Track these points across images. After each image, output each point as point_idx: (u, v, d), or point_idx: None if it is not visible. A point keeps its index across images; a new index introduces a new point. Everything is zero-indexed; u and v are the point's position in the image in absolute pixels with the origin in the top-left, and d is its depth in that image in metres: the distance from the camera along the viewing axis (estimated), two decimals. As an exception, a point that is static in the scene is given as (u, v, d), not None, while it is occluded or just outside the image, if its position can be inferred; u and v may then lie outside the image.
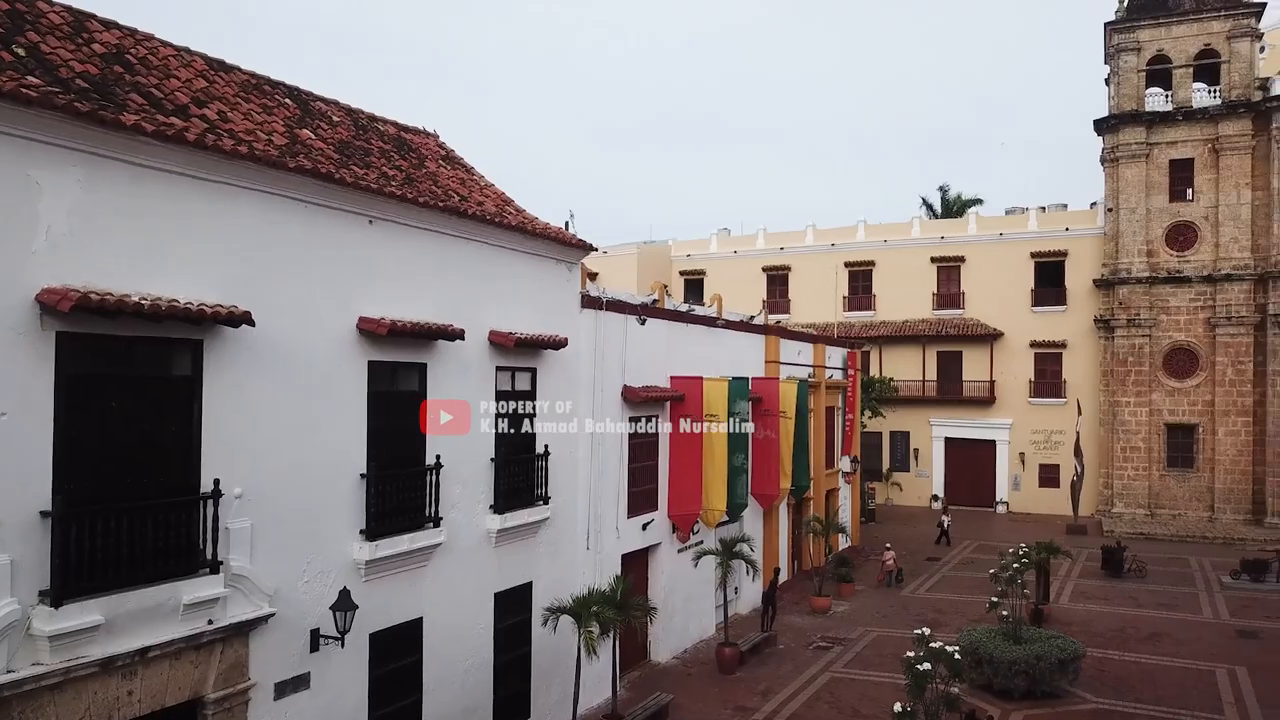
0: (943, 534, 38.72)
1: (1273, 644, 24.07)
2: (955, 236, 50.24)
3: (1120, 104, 45.06)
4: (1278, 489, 40.91)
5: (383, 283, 14.43)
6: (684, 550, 23.39)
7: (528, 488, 17.52)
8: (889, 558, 32.41)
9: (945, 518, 39.71)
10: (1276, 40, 48.12)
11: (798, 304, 52.11)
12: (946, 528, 38.91)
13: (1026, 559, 23.49)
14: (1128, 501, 43.89)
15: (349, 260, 13.85)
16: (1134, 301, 44.23)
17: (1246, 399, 42.23)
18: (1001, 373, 47.95)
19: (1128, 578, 31.71)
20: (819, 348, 33.54)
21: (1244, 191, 42.65)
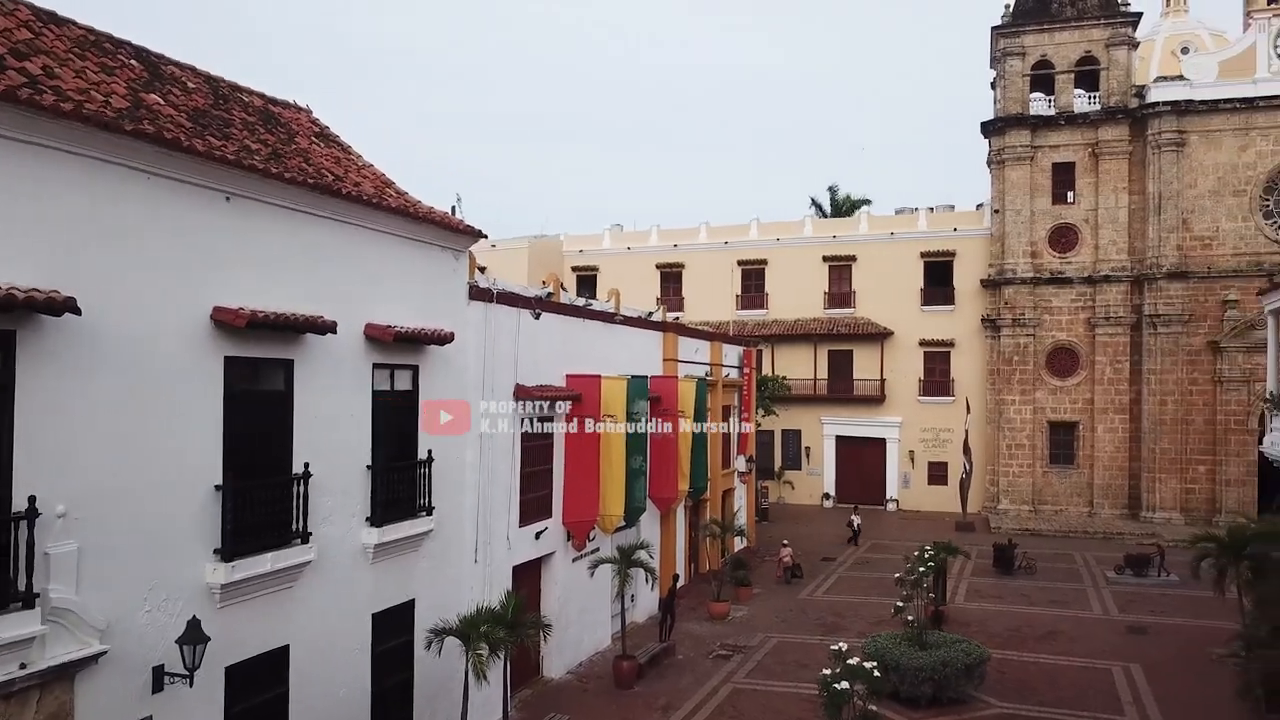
0: (854, 535, 38.43)
1: (1162, 640, 24.33)
2: (847, 236, 50.40)
3: (1006, 107, 45.86)
4: (1152, 484, 42.22)
5: (242, 269, 12.73)
6: (579, 559, 22.15)
7: (409, 497, 15.98)
8: (786, 554, 32.25)
9: (856, 518, 39.48)
10: (1147, 52, 49.96)
11: (691, 302, 51.45)
12: (857, 528, 38.65)
13: (932, 561, 23.06)
14: (1013, 498, 44.69)
15: (202, 242, 12.12)
16: (1019, 301, 45.07)
17: (1124, 397, 43.48)
18: (892, 371, 48.28)
19: (1018, 575, 31.95)
20: (716, 346, 32.76)
21: (1121, 195, 43.90)
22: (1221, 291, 41.76)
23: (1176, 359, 42.13)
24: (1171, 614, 26.97)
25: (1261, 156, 41.74)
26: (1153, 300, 42.64)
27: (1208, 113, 42.25)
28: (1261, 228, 41.73)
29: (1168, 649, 23.46)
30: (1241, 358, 41.03)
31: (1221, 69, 42.50)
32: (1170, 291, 42.32)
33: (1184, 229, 42.55)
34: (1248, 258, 41.70)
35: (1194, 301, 42.15)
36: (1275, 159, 41.57)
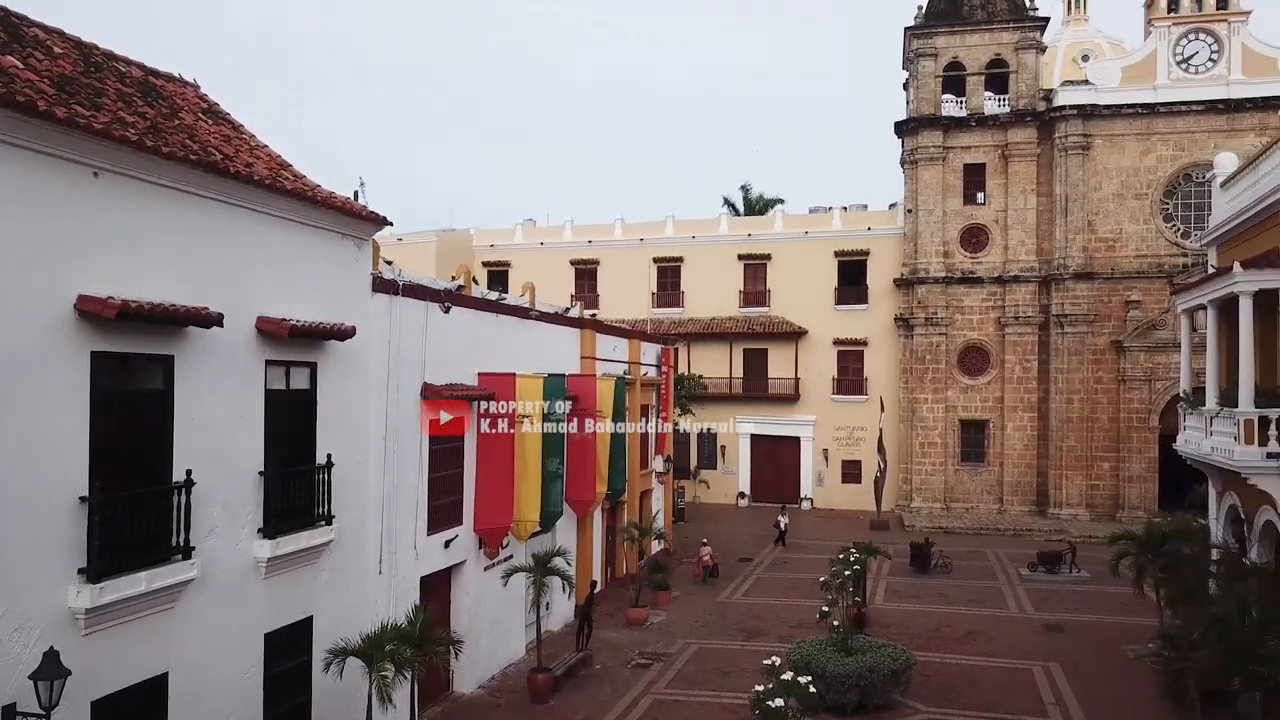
0: (780, 535, 38.03)
1: (1078, 638, 24.38)
2: (762, 234, 50.15)
3: (919, 108, 46.17)
4: (1059, 481, 42.97)
5: (113, 253, 11.36)
6: (492, 567, 21.00)
7: (306, 506, 14.68)
8: (706, 553, 31.83)
9: (783, 518, 39.01)
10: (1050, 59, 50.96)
11: (606, 299, 50.53)
12: (784, 528, 38.25)
13: (857, 564, 22.59)
14: (925, 496, 45.01)
15: (65, 222, 10.74)
16: (931, 301, 45.42)
17: (1032, 395, 44.18)
18: (806, 370, 48.21)
19: (935, 574, 31.94)
20: (635, 343, 31.93)
21: (1030, 197, 44.59)
22: (1125, 292, 42.74)
23: (1082, 358, 42.97)
24: (1085, 611, 27.16)
25: (1162, 161, 42.84)
26: (1060, 300, 43.41)
27: (1111, 117, 43.19)
28: (1162, 230, 42.83)
29: (1085, 647, 23.49)
30: (1143, 357, 42.05)
31: (1124, 75, 43.48)
32: (1076, 292, 43.14)
33: (1089, 231, 43.43)
34: (1149, 259, 42.76)
35: (1099, 302, 43.05)
36: (1175, 163, 42.70)
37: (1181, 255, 42.33)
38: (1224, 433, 18.93)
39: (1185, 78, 42.73)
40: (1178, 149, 42.69)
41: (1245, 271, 17.91)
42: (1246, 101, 41.73)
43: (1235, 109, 41.91)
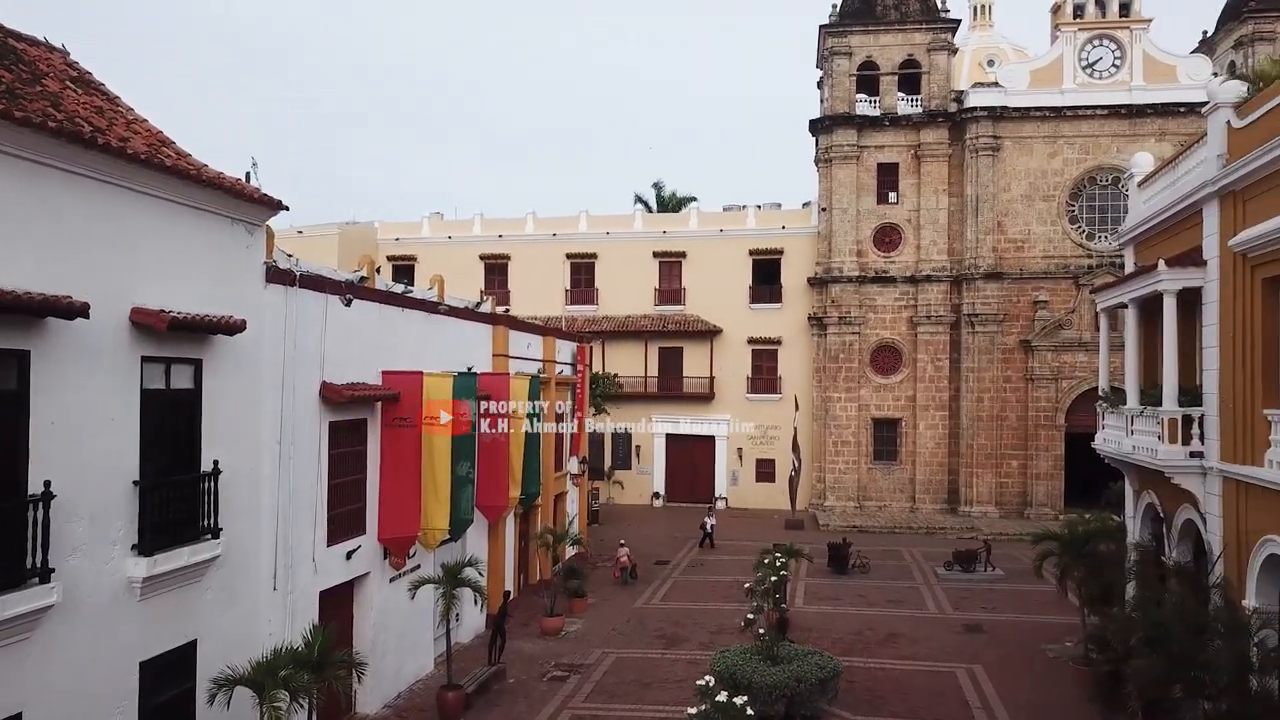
0: (706, 537, 37.27)
1: (998, 638, 24.22)
2: (677, 231, 49.52)
3: (834, 106, 46.12)
4: (970, 479, 43.39)
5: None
6: (399, 579, 19.68)
7: (189, 518, 13.24)
8: (624, 554, 31.21)
9: (709, 519, 38.23)
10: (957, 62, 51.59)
11: (518, 295, 49.20)
12: (710, 529, 37.49)
13: (783, 570, 21.93)
14: (839, 494, 44.98)
15: (-108, 194, 9.17)
16: (845, 300, 45.40)
17: (943, 394, 44.53)
18: (721, 369, 47.75)
19: (853, 574, 31.66)
20: (549, 341, 30.80)
21: (942, 197, 44.93)
22: (1033, 292, 43.39)
23: (992, 357, 43.47)
24: (1003, 610, 27.12)
25: (1068, 164, 43.63)
26: (970, 300, 43.84)
27: (1020, 119, 43.80)
28: (1068, 232, 43.62)
29: (1005, 647, 23.33)
30: (1050, 356, 42.75)
31: (1033, 78, 44.15)
32: (986, 292, 43.63)
33: (999, 231, 43.97)
34: (1056, 260, 43.50)
35: (1008, 302, 43.61)
36: (1080, 166, 43.53)
37: (1087, 257, 43.19)
38: (1146, 432, 18.82)
39: (1090, 82, 43.60)
40: (1083, 152, 43.53)
41: (1169, 270, 17.79)
42: (1147, 107, 42.78)
43: (1137, 114, 42.92)
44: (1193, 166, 18.90)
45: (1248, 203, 16.10)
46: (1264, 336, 15.65)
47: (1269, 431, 15.46)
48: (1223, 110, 17.18)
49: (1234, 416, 16.42)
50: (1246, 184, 16.00)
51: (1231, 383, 16.51)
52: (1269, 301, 15.64)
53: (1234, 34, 44.64)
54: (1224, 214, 16.93)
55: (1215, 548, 17.08)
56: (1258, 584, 15.61)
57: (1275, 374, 15.59)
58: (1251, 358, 15.92)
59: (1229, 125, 17.04)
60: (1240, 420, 16.21)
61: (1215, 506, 17.11)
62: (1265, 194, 15.42)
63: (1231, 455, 16.49)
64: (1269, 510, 15.14)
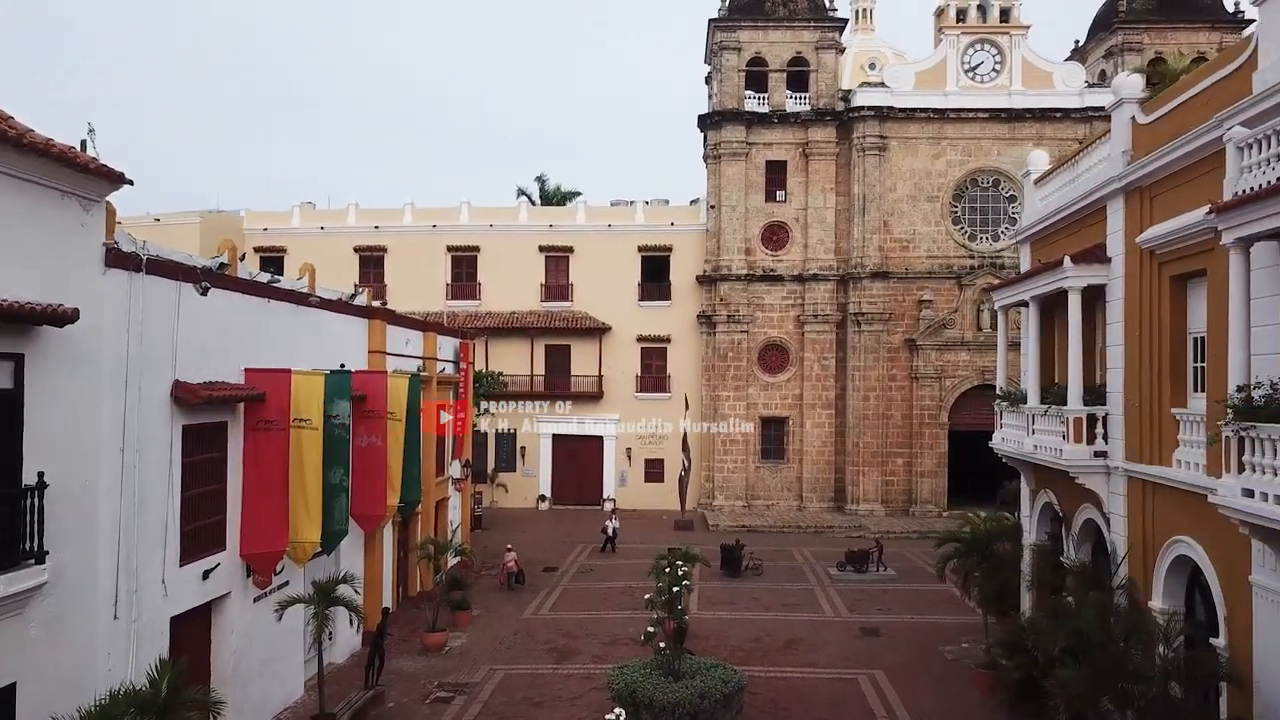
0: (608, 540, 36.00)
1: (896, 641, 23.81)
2: (564, 225, 48.15)
3: (723, 102, 45.59)
4: (856, 478, 43.50)
5: None
6: (264, 598, 17.79)
7: (6, 541, 11.23)
8: (510, 559, 30.03)
9: (611, 522, 36.90)
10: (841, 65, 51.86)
11: (396, 289, 46.87)
12: (613, 533, 36.21)
13: (685, 580, 20.85)
14: (728, 494, 44.49)
15: None
16: (734, 298, 44.94)
17: (830, 393, 44.54)
18: (610, 367, 46.63)
19: (746, 576, 31.00)
20: (430, 337, 29.09)
21: (829, 196, 44.94)
22: (918, 292, 43.80)
23: (878, 356, 43.69)
24: (898, 611, 26.83)
25: (952, 165, 44.22)
26: (857, 299, 43.96)
27: (905, 120, 44.17)
28: (951, 233, 44.21)
29: (904, 650, 22.92)
30: (935, 355, 43.25)
31: (918, 79, 44.59)
32: (873, 291, 43.82)
33: (885, 231, 44.23)
34: (940, 260, 44.03)
35: (894, 301, 43.92)
36: (963, 168, 44.18)
37: (969, 257, 43.87)
38: (1049, 431, 18.56)
39: (972, 85, 44.31)
40: (965, 154, 44.20)
41: (1075, 266, 17.52)
42: (1026, 111, 43.73)
43: (1016, 118, 43.83)
44: (1094, 163, 18.76)
45: (1155, 199, 15.89)
46: (1172, 335, 15.46)
47: (1177, 431, 15.29)
48: (1128, 106, 17.00)
49: (1140, 416, 16.21)
50: (1154, 180, 15.78)
51: (1138, 381, 16.30)
52: (1177, 299, 15.44)
53: (1105, 44, 46.09)
54: (1130, 210, 16.72)
55: (1119, 549, 16.87)
56: (1164, 585, 15.44)
57: (1183, 372, 15.42)
58: (1159, 356, 15.71)
59: (1134, 121, 16.86)
60: (1147, 420, 16.00)
61: (1120, 507, 16.91)
62: (1173, 190, 15.20)
63: (1137, 455, 16.29)
64: (1177, 510, 14.92)
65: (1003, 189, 44.25)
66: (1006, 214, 44.26)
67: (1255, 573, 12.52)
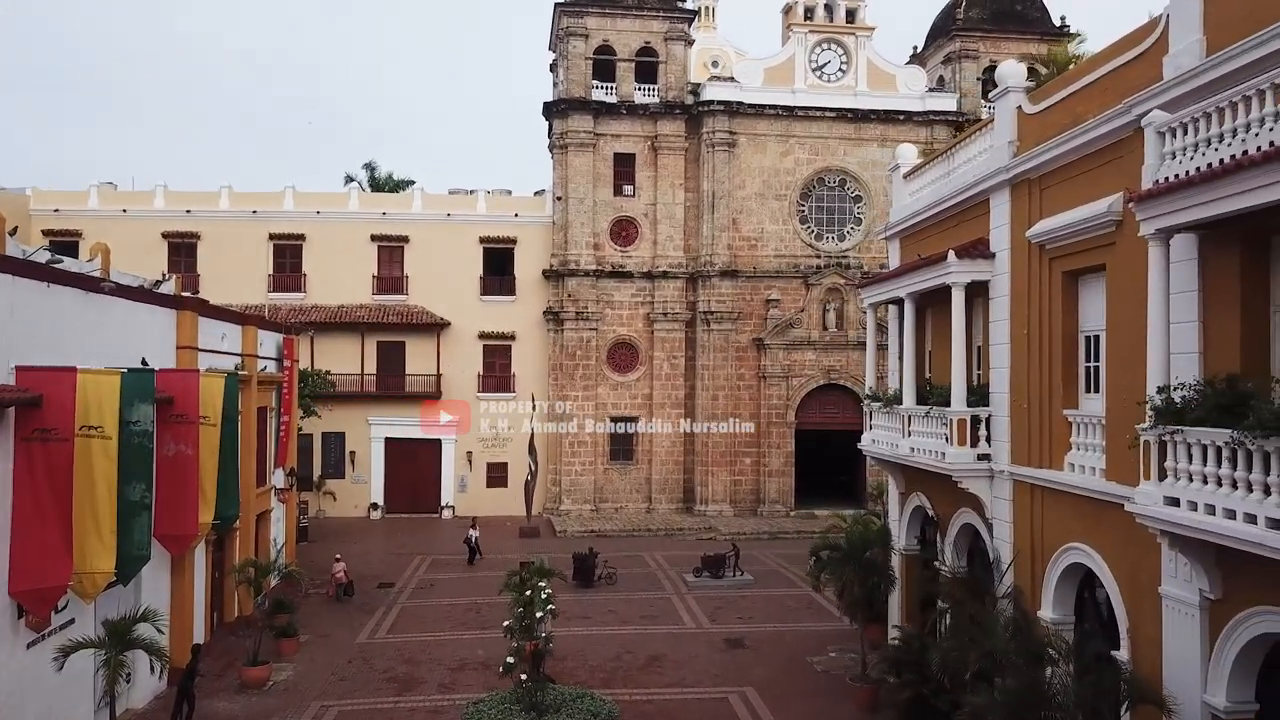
0: (473, 551, 33.48)
1: (762, 653, 22.70)
2: (399, 214, 45.15)
3: (569, 90, 43.87)
4: (705, 478, 42.69)
5: None
6: (40, 643, 14.76)
7: None
8: (340, 569, 27.94)
9: (473, 531, 34.35)
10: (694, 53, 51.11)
11: (211, 280, 42.69)
12: (475, 543, 33.72)
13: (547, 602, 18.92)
14: (575, 498, 42.80)
15: None
16: (582, 294, 43.29)
17: (679, 392, 43.60)
18: (449, 365, 44.02)
19: (600, 586, 29.38)
20: (249, 331, 26.01)
21: (678, 192, 43.99)
22: (766, 291, 43.42)
23: (727, 355, 43.04)
24: (760, 619, 25.81)
25: (799, 164, 44.08)
26: (706, 297, 43.16)
27: (755, 116, 43.71)
28: (799, 232, 44.07)
29: (772, 663, 21.82)
30: (782, 354, 42.98)
31: (766, 76, 44.23)
32: (722, 289, 43.12)
33: (734, 229, 43.63)
34: (787, 259, 43.81)
35: (742, 300, 43.37)
36: (811, 167, 44.12)
37: (815, 257, 43.86)
38: (929, 433, 17.78)
39: (820, 84, 44.33)
40: (813, 153, 44.15)
41: (960, 261, 16.74)
42: (871, 113, 44.10)
43: (862, 119, 44.12)
44: (974, 155, 18.10)
45: (1046, 191, 15.23)
46: (1064, 332, 14.82)
47: (1069, 433, 14.68)
48: (1013, 95, 16.33)
49: (1028, 418, 15.55)
50: (1044, 172, 15.12)
51: (1025, 382, 15.65)
52: (1069, 295, 14.81)
53: (943, 50, 47.13)
54: (1016, 203, 16.06)
55: (1004, 556, 16.20)
56: (1055, 594, 14.80)
57: (1076, 372, 14.81)
58: (1050, 355, 15.06)
59: (1020, 111, 16.22)
60: (1035, 422, 15.35)
61: (1005, 512, 16.24)
62: (1067, 182, 14.54)
63: (1025, 458, 15.63)
64: (1071, 516, 14.27)
65: (849, 189, 44.48)
66: (852, 214, 44.54)
67: (1166, 584, 11.85)
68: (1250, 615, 10.50)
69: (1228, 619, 10.88)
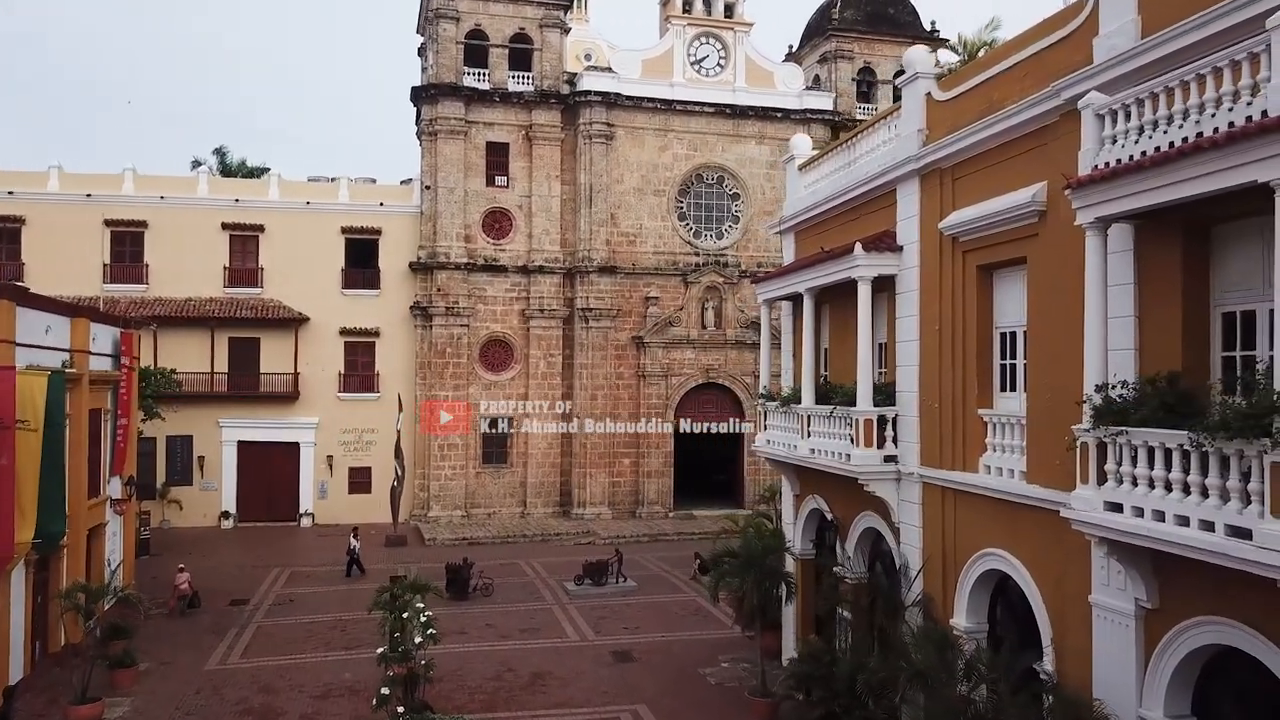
0: (353, 563, 31.05)
1: (652, 666, 21.55)
2: (253, 201, 42.02)
3: (439, 74, 41.80)
4: (583, 480, 41.39)
5: None
6: None
7: None
8: (183, 580, 25.97)
9: (354, 541, 31.81)
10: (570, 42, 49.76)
11: (38, 269, 38.52)
12: (358, 555, 31.29)
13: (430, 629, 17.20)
14: (445, 503, 40.78)
15: None
16: (453, 289, 41.30)
17: (556, 392, 42.14)
18: (308, 364, 41.26)
19: (475, 598, 27.69)
20: (80, 324, 23.21)
21: (554, 184, 42.53)
22: (645, 288, 42.46)
23: (605, 353, 41.87)
24: (647, 629, 24.65)
25: (678, 159, 43.30)
26: (584, 294, 41.87)
27: (633, 109, 42.70)
28: (677, 229, 43.29)
29: (663, 677, 20.70)
30: (661, 353, 42.13)
31: (645, 67, 43.28)
32: (600, 286, 41.91)
33: (612, 224, 42.49)
34: (666, 256, 42.97)
35: (621, 297, 42.27)
36: (689, 163, 43.40)
37: (694, 254, 43.19)
38: (832, 434, 17.01)
39: (699, 79, 43.68)
40: (691, 148, 43.46)
41: (867, 255, 16.00)
42: (749, 109, 43.71)
43: (740, 115, 43.68)
44: (878, 145, 17.45)
45: (959, 181, 14.61)
46: (979, 329, 14.22)
47: (985, 434, 14.10)
48: (923, 81, 15.69)
49: (939, 417, 14.91)
50: (958, 161, 14.49)
51: (936, 380, 15.00)
52: (984, 290, 14.23)
53: (819, 49, 47.24)
54: (927, 194, 15.41)
55: (913, 562, 15.55)
56: (968, 602, 14.20)
57: (990, 369, 14.24)
58: (963, 352, 14.43)
59: (929, 98, 15.59)
60: (947, 422, 14.71)
61: (914, 516, 15.58)
62: (982, 171, 13.95)
63: (936, 460, 14.98)
64: (987, 521, 13.66)
65: (727, 186, 44.00)
66: (730, 212, 44.08)
67: (1097, 592, 11.28)
68: (1192, 626, 9.96)
69: (1166, 629, 10.33)
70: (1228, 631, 9.59)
